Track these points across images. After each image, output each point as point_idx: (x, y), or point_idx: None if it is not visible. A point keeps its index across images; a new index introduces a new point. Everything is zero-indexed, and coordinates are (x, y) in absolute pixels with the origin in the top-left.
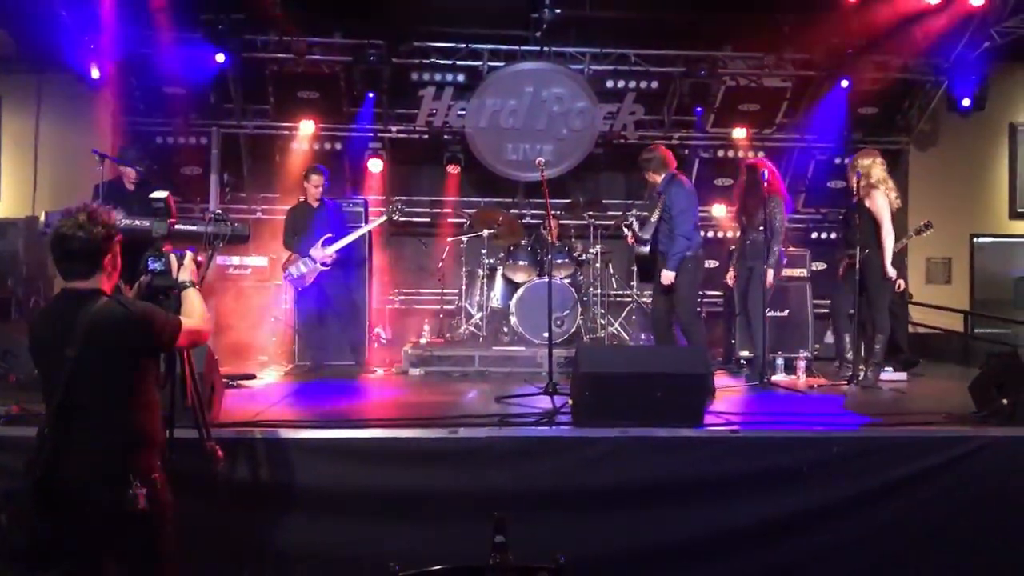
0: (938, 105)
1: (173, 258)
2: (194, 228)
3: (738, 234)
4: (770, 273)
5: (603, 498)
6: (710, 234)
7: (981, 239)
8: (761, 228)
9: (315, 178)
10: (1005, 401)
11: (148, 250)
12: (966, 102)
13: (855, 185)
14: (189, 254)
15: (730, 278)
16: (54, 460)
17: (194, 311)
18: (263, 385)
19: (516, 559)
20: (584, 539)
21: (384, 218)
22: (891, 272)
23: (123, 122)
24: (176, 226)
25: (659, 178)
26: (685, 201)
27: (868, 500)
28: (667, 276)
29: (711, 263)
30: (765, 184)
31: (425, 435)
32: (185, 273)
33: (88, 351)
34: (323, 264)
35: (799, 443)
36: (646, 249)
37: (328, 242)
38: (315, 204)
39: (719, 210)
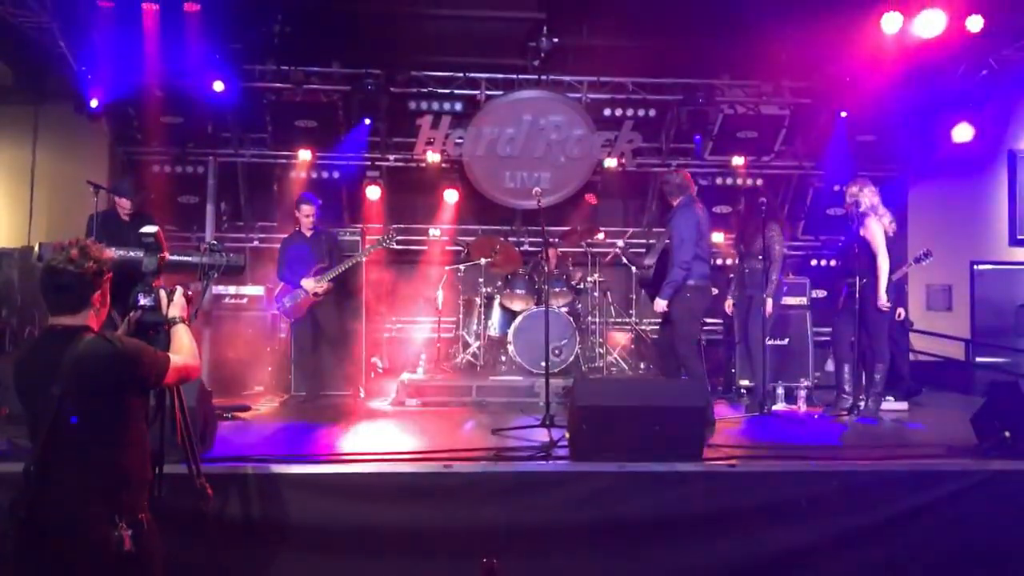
0: (936, 132)
1: (163, 294)
2: (189, 259)
3: (736, 262)
4: (769, 302)
5: (600, 534)
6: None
7: (982, 266)
8: (760, 256)
9: (305, 208)
10: (1007, 433)
11: (137, 285)
12: (965, 129)
13: (855, 214)
14: (179, 290)
15: (728, 306)
16: (39, 499)
17: (183, 348)
18: (258, 416)
19: None
20: (581, 575)
21: (372, 248)
22: (884, 301)
23: (120, 152)
24: (171, 257)
25: (675, 202)
26: (687, 230)
27: (868, 535)
28: (659, 304)
29: (714, 290)
30: (763, 212)
31: (418, 470)
32: (175, 309)
33: (74, 388)
34: (315, 295)
35: (798, 477)
36: (648, 273)
37: (320, 271)
38: (308, 233)
39: (717, 237)
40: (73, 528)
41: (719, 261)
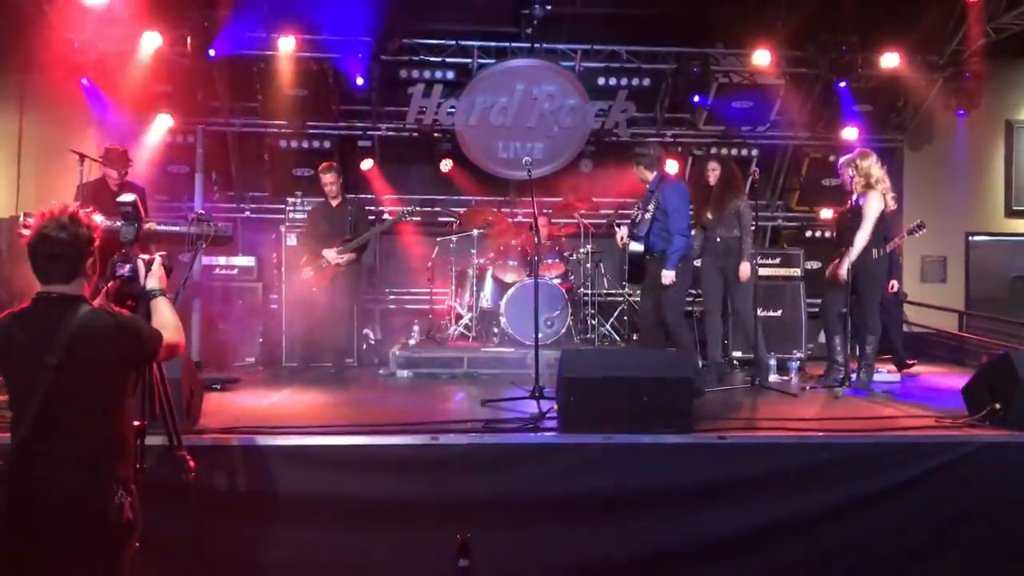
0: (933, 102)
1: (140, 263)
2: (177, 229)
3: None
4: (744, 267)
5: (587, 505)
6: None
7: (977, 238)
8: (733, 228)
9: (325, 177)
10: (998, 405)
11: (115, 255)
12: (961, 99)
13: (851, 184)
14: (157, 259)
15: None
16: (29, 470)
17: (167, 322)
18: (247, 387)
19: (497, 568)
20: (568, 547)
21: (393, 220)
22: (844, 273)
23: (108, 121)
24: (159, 227)
25: (650, 176)
26: (679, 200)
27: (858, 506)
28: (668, 276)
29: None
30: (755, 184)
31: (406, 442)
32: (153, 280)
33: (71, 360)
34: (337, 265)
35: (788, 449)
36: (641, 247)
37: (344, 243)
38: (334, 203)
39: None
40: (69, 498)
41: None
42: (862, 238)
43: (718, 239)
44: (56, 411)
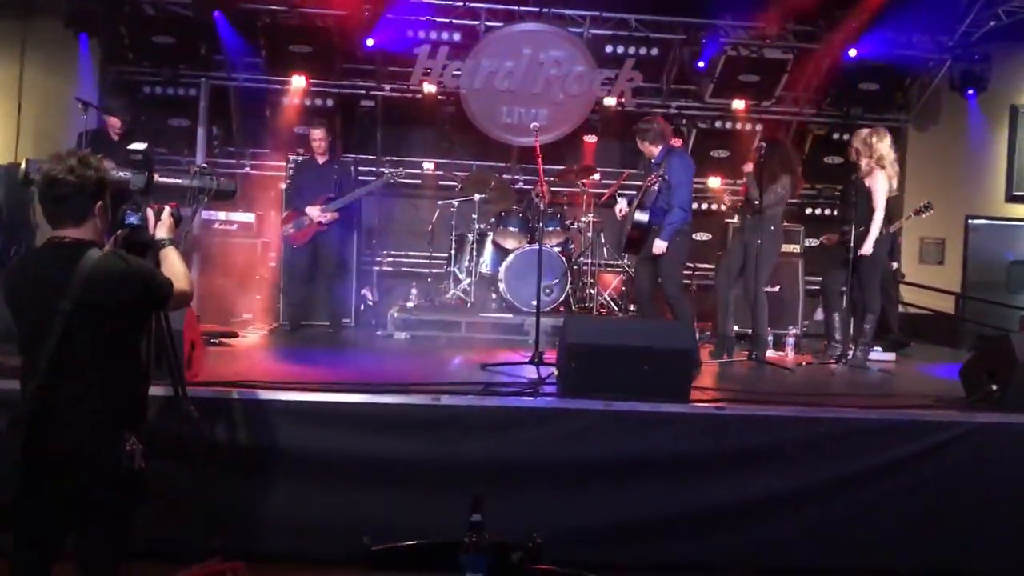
0: (939, 84)
1: (151, 213)
2: (178, 181)
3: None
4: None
5: (585, 471)
6: (703, 206)
7: (976, 221)
8: (757, 204)
9: (315, 132)
10: (994, 387)
11: (125, 204)
12: (968, 82)
13: (859, 161)
14: (167, 209)
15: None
16: (42, 417)
17: (177, 272)
18: (245, 344)
19: (495, 530)
20: (565, 512)
21: (380, 182)
22: (868, 249)
23: (110, 71)
24: (160, 178)
25: (655, 150)
26: (684, 173)
27: (853, 482)
28: (659, 246)
29: (703, 236)
30: (781, 162)
31: (407, 401)
32: (163, 230)
33: (84, 305)
34: (319, 223)
35: (783, 422)
36: (646, 217)
37: (327, 200)
38: (320, 160)
39: (714, 182)
40: (82, 445)
41: (714, 206)
42: (878, 218)
43: (748, 216)
44: (69, 357)
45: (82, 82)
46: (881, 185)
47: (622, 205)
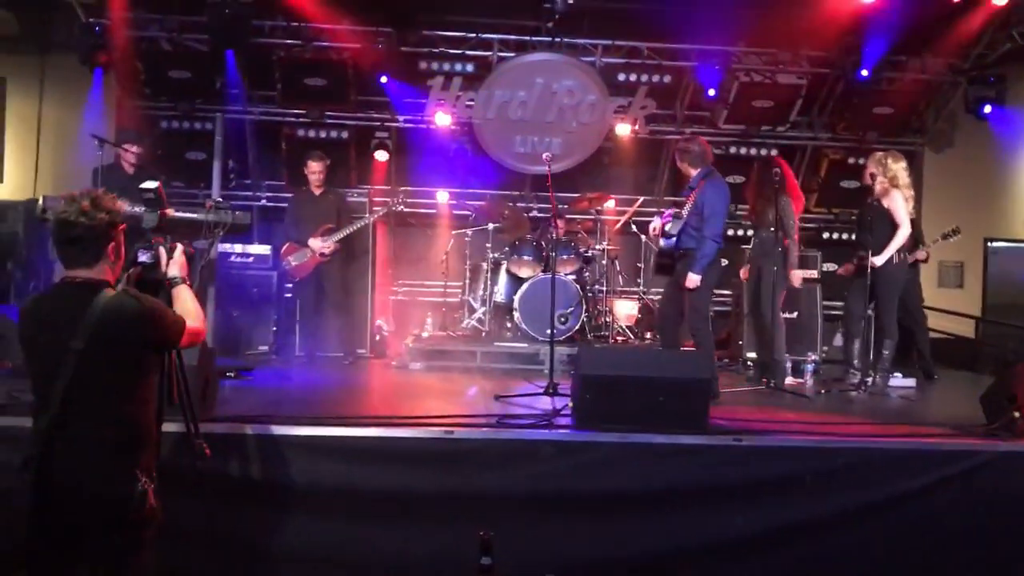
0: (955, 107)
1: (163, 251)
2: (194, 216)
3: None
4: (795, 275)
5: (601, 504)
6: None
7: (996, 244)
8: (772, 228)
9: (313, 164)
10: (1016, 414)
11: (138, 242)
12: (984, 104)
13: (874, 184)
14: (180, 247)
15: (744, 272)
16: (53, 455)
17: (189, 310)
18: (260, 377)
19: (508, 564)
20: (580, 545)
21: (383, 211)
22: (880, 262)
23: (128, 106)
24: (177, 213)
25: (694, 172)
26: (719, 203)
27: (872, 512)
28: (693, 280)
29: (723, 261)
30: (777, 182)
31: (420, 435)
32: (175, 268)
33: (96, 344)
34: (321, 255)
35: (802, 453)
36: (672, 243)
37: (328, 232)
38: (317, 192)
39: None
40: (93, 484)
41: (731, 232)
42: (903, 232)
43: (757, 240)
44: (80, 396)
45: (99, 118)
46: (900, 203)
47: (655, 224)
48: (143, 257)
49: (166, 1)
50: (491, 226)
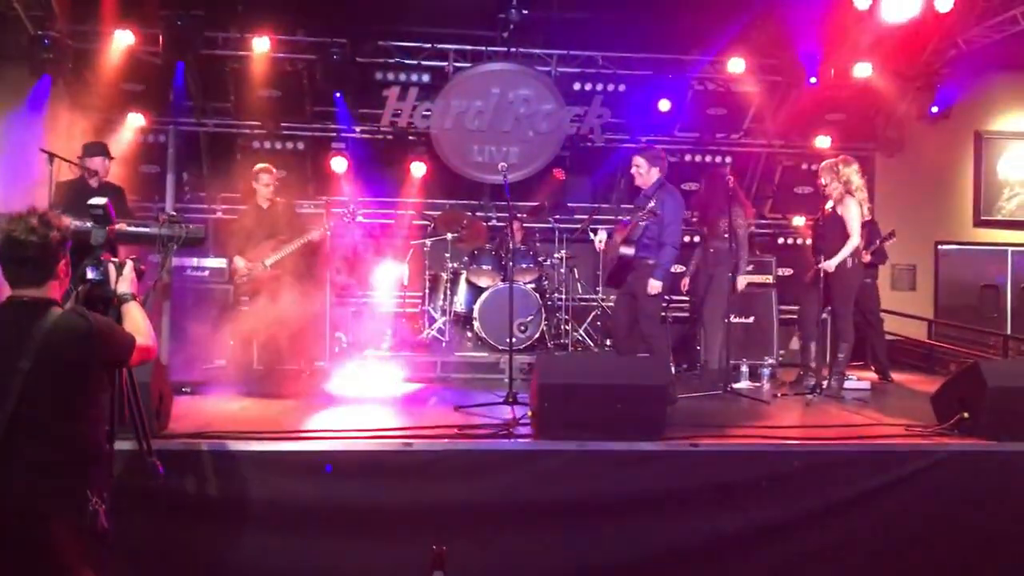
0: (904, 112)
1: (112, 267)
2: (147, 230)
3: (700, 240)
4: (741, 281)
5: (560, 513)
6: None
7: (946, 247)
8: (725, 236)
9: (264, 177)
10: (966, 414)
11: (87, 259)
12: (933, 109)
13: (827, 189)
14: (129, 263)
15: (685, 284)
16: (1, 478)
17: (139, 327)
18: (217, 391)
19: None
20: (541, 554)
21: (322, 229)
22: (831, 267)
23: (79, 119)
24: (129, 228)
25: (651, 180)
26: (677, 211)
27: (828, 514)
28: (655, 286)
29: (678, 268)
30: (730, 191)
31: (378, 448)
32: (124, 284)
33: (44, 364)
34: (273, 268)
35: (758, 457)
36: (632, 251)
37: (278, 245)
38: (265, 205)
39: None
40: (42, 505)
41: (687, 239)
42: (853, 242)
43: (711, 250)
44: (28, 416)
45: (50, 131)
46: (854, 212)
47: (602, 237)
48: (92, 274)
49: (120, 12)
50: (450, 236)
